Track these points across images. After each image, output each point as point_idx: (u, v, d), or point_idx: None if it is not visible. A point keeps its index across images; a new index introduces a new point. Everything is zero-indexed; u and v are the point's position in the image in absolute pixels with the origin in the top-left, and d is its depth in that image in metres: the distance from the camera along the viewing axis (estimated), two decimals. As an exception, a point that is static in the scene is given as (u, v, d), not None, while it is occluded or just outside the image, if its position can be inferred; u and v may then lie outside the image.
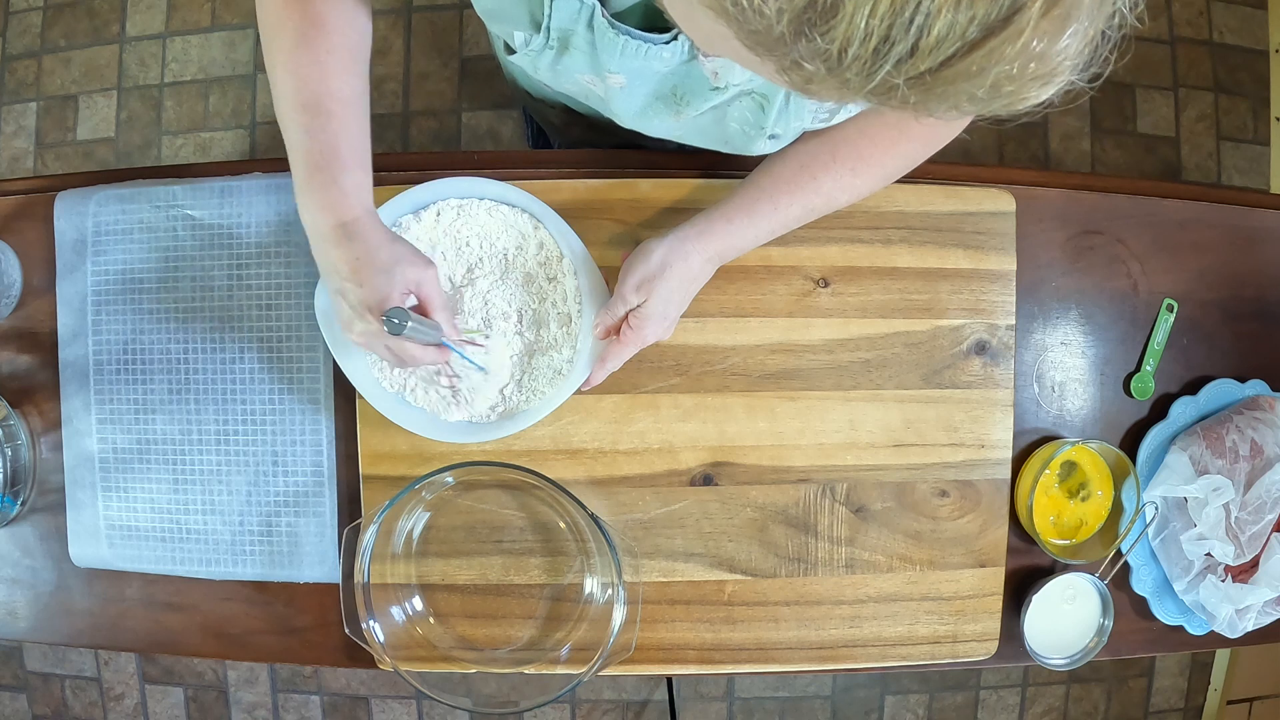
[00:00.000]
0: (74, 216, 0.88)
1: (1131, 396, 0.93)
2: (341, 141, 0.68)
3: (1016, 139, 1.87)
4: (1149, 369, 0.92)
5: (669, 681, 1.75)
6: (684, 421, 0.87)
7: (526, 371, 0.83)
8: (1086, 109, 1.87)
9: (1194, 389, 0.93)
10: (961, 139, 0.76)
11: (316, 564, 0.88)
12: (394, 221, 0.83)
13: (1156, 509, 0.90)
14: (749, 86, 0.65)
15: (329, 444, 0.87)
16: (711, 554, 0.87)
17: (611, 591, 0.82)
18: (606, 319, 0.80)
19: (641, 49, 0.61)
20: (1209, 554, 0.87)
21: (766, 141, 0.72)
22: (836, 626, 0.88)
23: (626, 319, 0.79)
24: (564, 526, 0.87)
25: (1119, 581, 0.92)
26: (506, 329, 0.82)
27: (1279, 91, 1.89)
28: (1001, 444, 0.89)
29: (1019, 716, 1.87)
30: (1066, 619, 0.90)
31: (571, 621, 0.87)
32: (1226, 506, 0.86)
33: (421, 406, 0.83)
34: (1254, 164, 1.90)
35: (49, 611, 0.91)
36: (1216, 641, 0.93)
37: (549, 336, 0.83)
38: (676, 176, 0.87)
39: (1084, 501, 0.90)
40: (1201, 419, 0.92)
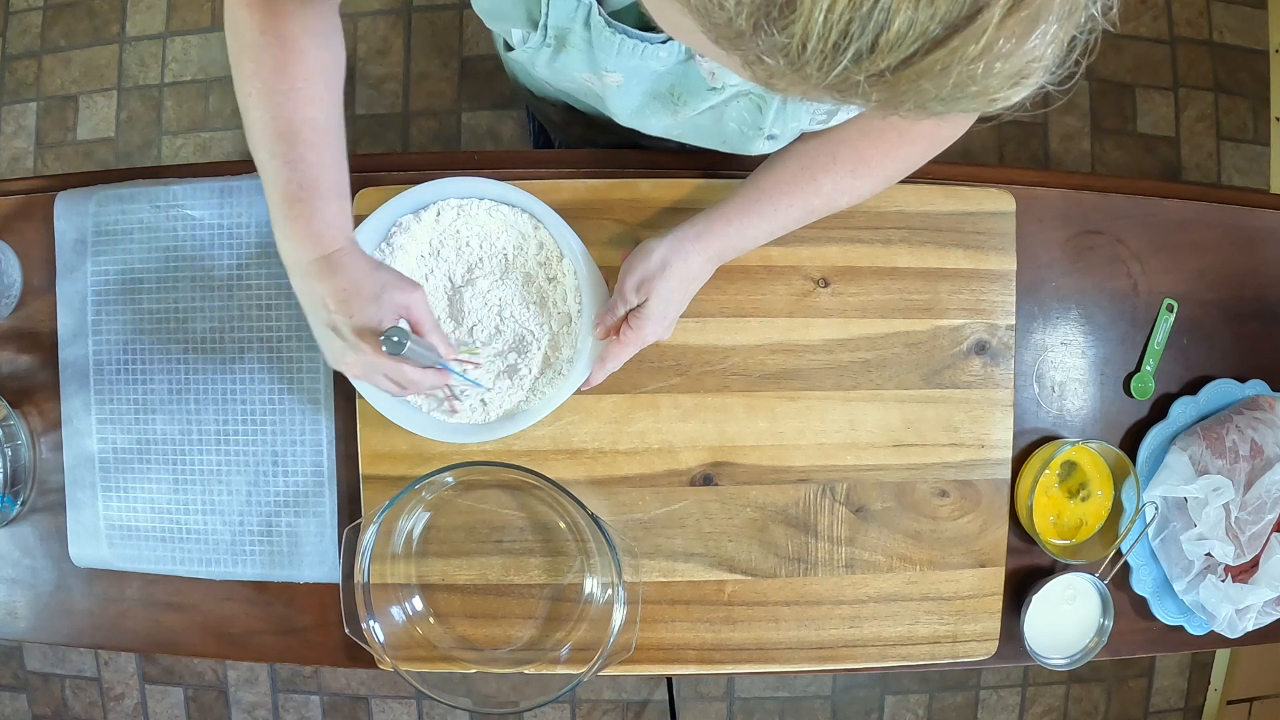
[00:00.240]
0: (74, 216, 0.88)
1: (1131, 396, 0.93)
2: (320, 172, 0.67)
3: (1016, 139, 1.87)
4: (1149, 369, 0.92)
5: (669, 681, 1.75)
6: (684, 421, 0.87)
7: (523, 368, 0.83)
8: (1086, 109, 1.87)
9: (1194, 389, 0.93)
10: (961, 139, 0.76)
11: (316, 564, 0.88)
12: (394, 221, 0.83)
13: (1156, 509, 0.90)
14: (746, 87, 0.65)
15: (329, 444, 0.87)
16: (711, 554, 0.87)
17: (611, 591, 0.82)
18: (606, 319, 0.80)
19: (638, 48, 0.61)
20: (1209, 554, 0.87)
21: (765, 142, 0.72)
22: (836, 626, 0.88)
23: (626, 319, 0.79)
24: (564, 526, 0.87)
25: (1119, 581, 0.92)
26: (495, 340, 0.82)
27: (1279, 91, 1.89)
28: (1001, 444, 0.89)
29: (1019, 716, 1.87)
30: (1066, 619, 0.90)
31: (571, 621, 0.87)
32: (1226, 506, 0.86)
33: (419, 405, 0.83)
34: (1254, 164, 1.90)
35: (49, 611, 0.91)
36: (1216, 641, 0.93)
37: (549, 336, 0.83)
38: (676, 176, 0.87)
39: (1084, 501, 0.90)
40: (1201, 419, 0.92)
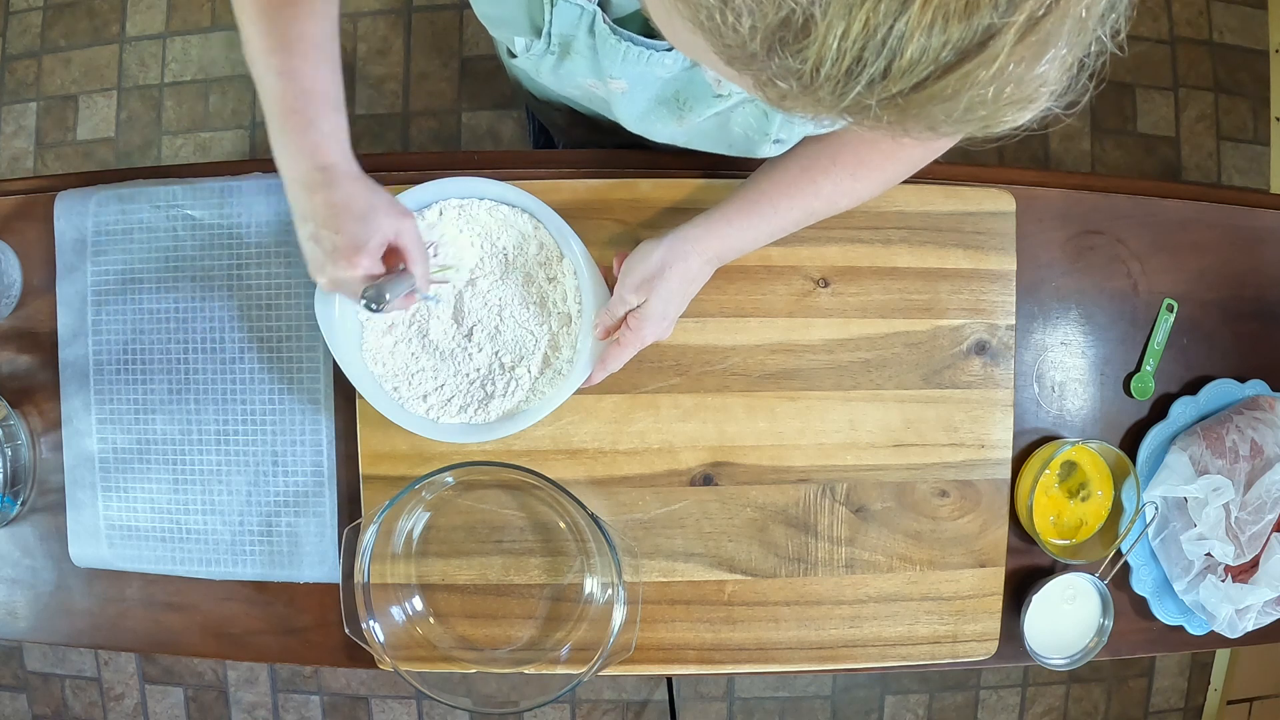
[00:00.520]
0: (74, 216, 0.88)
1: (1131, 396, 0.93)
2: (316, 84, 0.66)
3: (1017, 139, 1.87)
4: (1149, 369, 0.92)
5: (669, 681, 1.75)
6: (684, 421, 0.87)
7: (523, 368, 0.83)
8: (1087, 109, 1.86)
9: (1194, 389, 0.93)
10: (962, 140, 0.76)
11: (316, 564, 0.88)
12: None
13: (1156, 509, 0.90)
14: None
15: (329, 444, 0.87)
16: (711, 554, 0.87)
17: (611, 591, 0.82)
18: (606, 319, 0.80)
19: (643, 55, 0.60)
20: (1209, 554, 0.87)
21: (771, 146, 0.72)
22: (836, 626, 0.88)
23: (626, 319, 0.79)
24: (564, 526, 0.87)
25: (1119, 581, 0.92)
26: (495, 340, 0.83)
27: (1279, 91, 1.89)
28: (1001, 444, 0.89)
29: (1019, 716, 1.87)
30: (1066, 619, 0.90)
31: (571, 621, 0.87)
32: (1226, 506, 0.86)
33: (417, 408, 0.83)
34: (1254, 164, 1.90)
35: (49, 611, 0.91)
36: (1216, 641, 0.93)
37: (549, 337, 0.83)
38: (677, 177, 0.87)
39: (1084, 501, 0.90)
40: (1201, 419, 0.92)
